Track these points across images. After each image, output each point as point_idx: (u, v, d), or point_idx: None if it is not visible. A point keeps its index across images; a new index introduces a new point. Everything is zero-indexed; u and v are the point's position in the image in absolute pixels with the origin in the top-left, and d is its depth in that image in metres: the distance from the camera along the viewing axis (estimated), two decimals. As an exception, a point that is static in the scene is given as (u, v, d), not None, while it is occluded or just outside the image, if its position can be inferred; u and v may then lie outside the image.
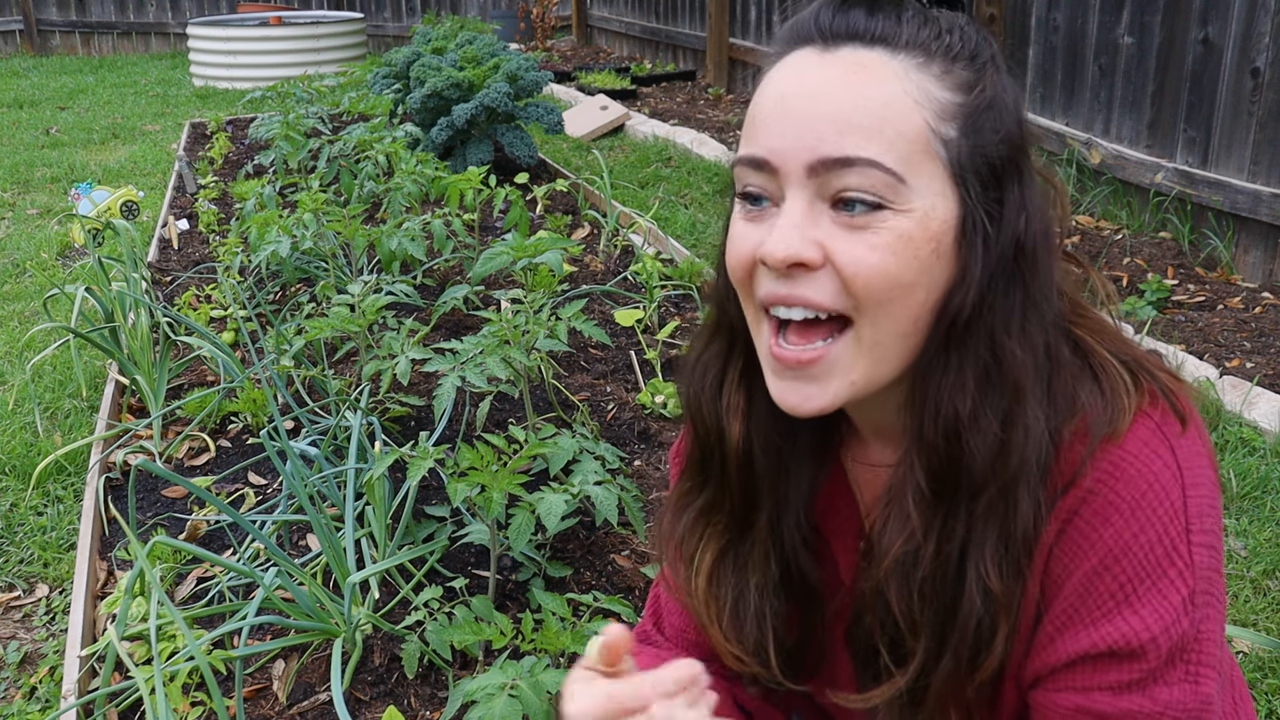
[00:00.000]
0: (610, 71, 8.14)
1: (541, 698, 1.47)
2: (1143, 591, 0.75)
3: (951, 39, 0.77)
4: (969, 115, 0.76)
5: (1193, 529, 0.75)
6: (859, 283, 0.74)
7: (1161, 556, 0.74)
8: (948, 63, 0.76)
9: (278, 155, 4.70)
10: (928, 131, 0.74)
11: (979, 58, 0.78)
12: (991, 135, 0.76)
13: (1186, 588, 0.74)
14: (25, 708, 1.85)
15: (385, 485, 1.96)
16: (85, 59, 10.41)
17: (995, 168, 0.76)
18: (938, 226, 0.74)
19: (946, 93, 0.75)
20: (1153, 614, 0.74)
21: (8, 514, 2.46)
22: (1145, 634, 0.74)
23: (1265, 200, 3.45)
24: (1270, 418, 2.58)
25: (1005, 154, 0.77)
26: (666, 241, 3.98)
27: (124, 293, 2.82)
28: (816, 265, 0.75)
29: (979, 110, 0.76)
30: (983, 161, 0.76)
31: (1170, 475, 0.75)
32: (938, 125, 0.74)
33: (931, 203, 0.74)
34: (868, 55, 0.75)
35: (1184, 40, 3.76)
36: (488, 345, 2.19)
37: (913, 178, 0.74)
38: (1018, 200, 0.77)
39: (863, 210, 0.74)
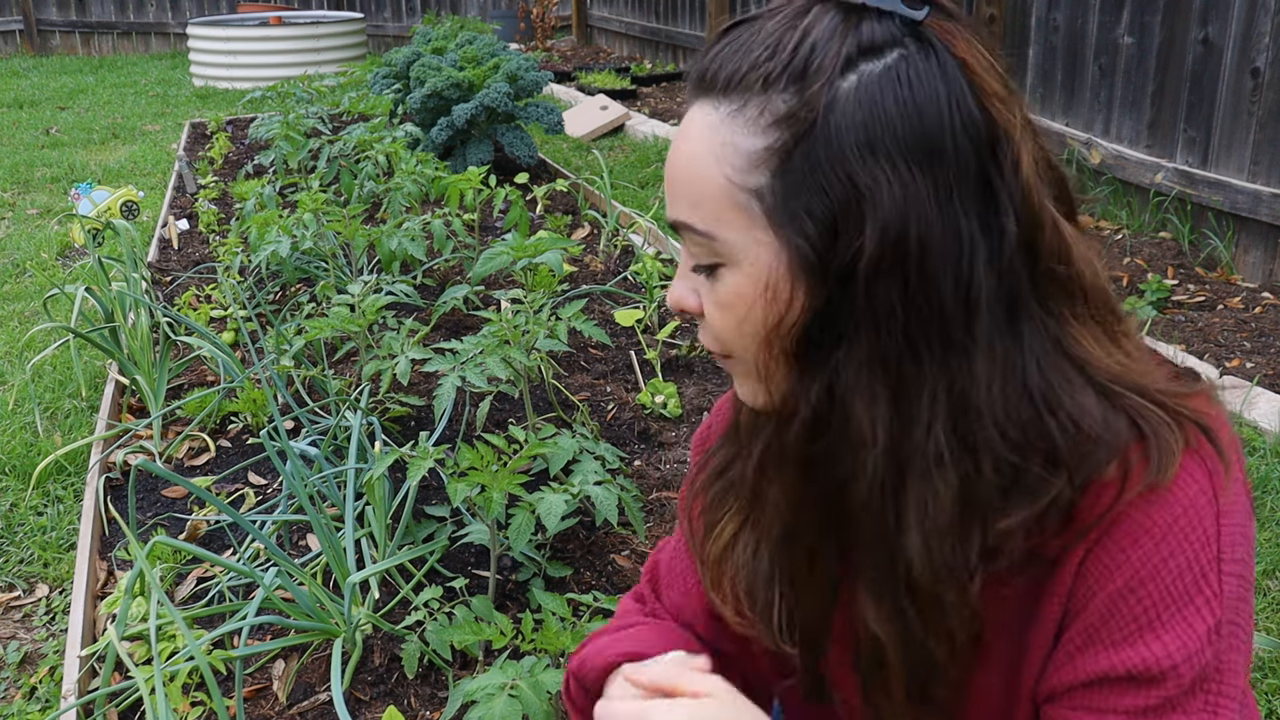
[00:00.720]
0: (610, 71, 8.14)
1: (541, 698, 1.47)
2: (1168, 617, 0.73)
3: (774, 62, 0.70)
4: (783, 154, 0.70)
5: (1224, 557, 0.73)
6: (716, 332, 0.78)
7: (1190, 584, 0.73)
8: (764, 98, 0.71)
9: (278, 155, 4.70)
10: (730, 187, 0.72)
11: (809, 73, 0.69)
12: (815, 167, 0.69)
13: (1214, 617, 0.73)
14: (25, 708, 1.85)
15: (385, 485, 1.97)
16: (85, 59, 10.42)
17: (824, 199, 0.70)
18: (766, 275, 0.73)
19: (755, 138, 0.71)
20: (1177, 641, 0.73)
21: (8, 514, 2.46)
22: (1167, 661, 0.72)
23: (1265, 200, 3.45)
24: (1270, 418, 2.58)
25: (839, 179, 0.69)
26: (666, 241, 3.98)
27: (124, 293, 2.82)
28: (697, 313, 0.80)
29: (796, 143, 0.70)
30: (805, 196, 0.70)
31: (1206, 501, 0.73)
32: (741, 178, 0.72)
33: (755, 253, 0.73)
34: (696, 111, 0.75)
35: (1184, 40, 3.76)
36: (488, 345, 2.19)
37: (725, 233, 0.73)
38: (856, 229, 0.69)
39: (704, 274, 0.77)
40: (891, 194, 0.68)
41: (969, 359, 0.71)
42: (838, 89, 0.69)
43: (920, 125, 0.68)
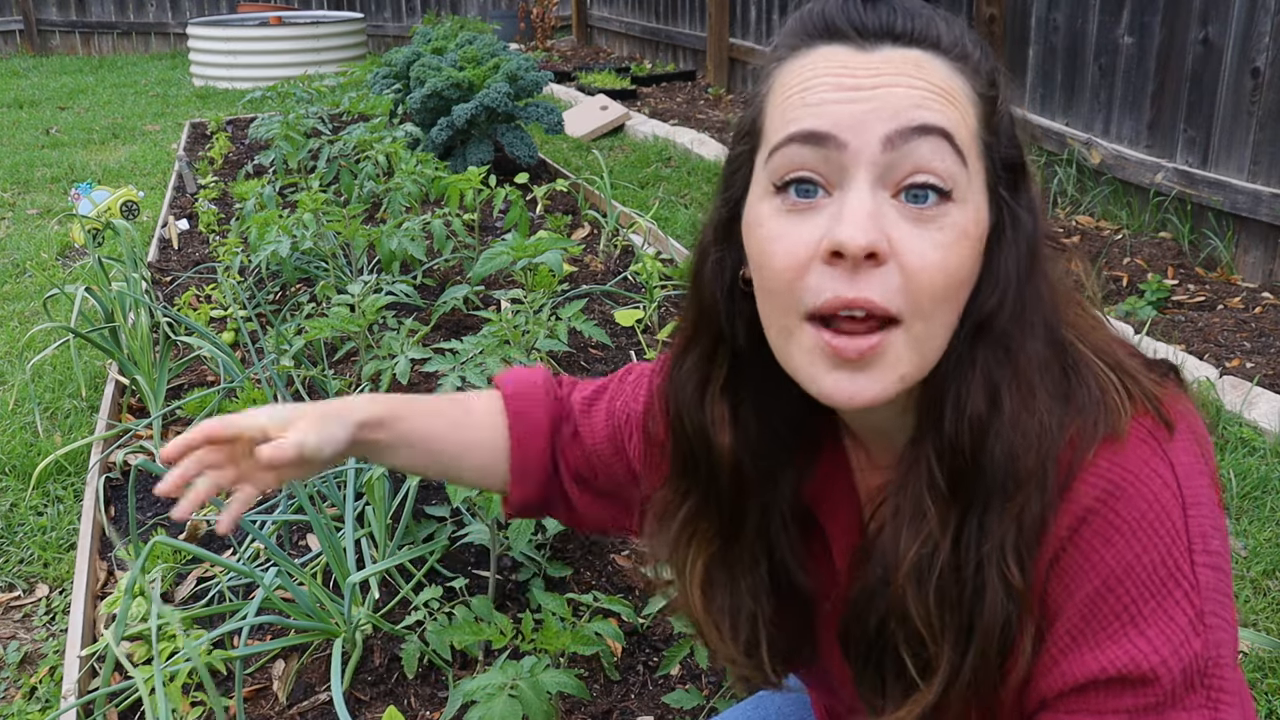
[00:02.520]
0: (610, 71, 8.14)
1: (541, 698, 1.47)
2: (1148, 613, 0.73)
3: (970, 43, 0.77)
4: (996, 119, 0.77)
5: (1195, 549, 0.73)
6: (923, 281, 0.71)
7: (1166, 577, 0.73)
8: (975, 65, 0.77)
9: (278, 155, 4.70)
10: (977, 127, 0.75)
11: (989, 61, 0.78)
12: (1009, 139, 0.78)
13: (1193, 608, 0.73)
14: (25, 708, 1.85)
15: (385, 485, 1.97)
16: (85, 59, 10.42)
17: (1014, 170, 0.78)
18: (983, 224, 0.75)
19: (980, 95, 0.76)
20: (1160, 636, 0.73)
21: (8, 514, 2.46)
22: (1155, 656, 0.72)
23: (1265, 200, 3.45)
24: (1270, 418, 2.58)
25: (1019, 157, 0.78)
26: (666, 241, 3.98)
27: (124, 293, 2.82)
28: (885, 259, 0.70)
29: (1002, 114, 0.77)
30: (1006, 164, 0.77)
31: (1170, 495, 0.74)
32: (979, 127, 0.75)
33: (979, 199, 0.75)
34: (912, 53, 0.73)
35: (1184, 40, 3.76)
36: (488, 345, 2.19)
37: (971, 169, 0.74)
38: (1029, 201, 0.78)
39: (933, 201, 0.71)
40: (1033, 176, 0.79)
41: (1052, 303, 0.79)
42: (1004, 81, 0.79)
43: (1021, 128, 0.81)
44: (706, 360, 0.85)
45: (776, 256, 0.73)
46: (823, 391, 0.74)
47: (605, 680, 1.79)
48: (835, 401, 0.74)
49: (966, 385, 0.75)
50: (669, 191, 5.03)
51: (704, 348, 0.85)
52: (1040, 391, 0.75)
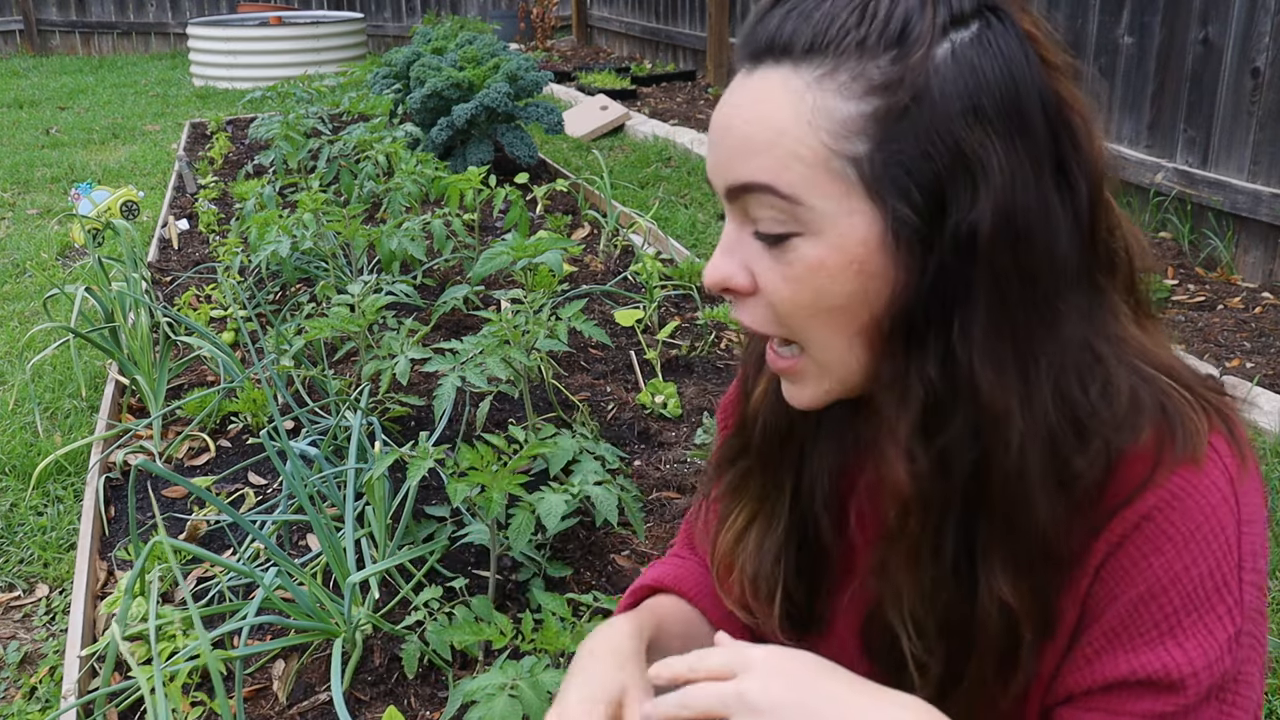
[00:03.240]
0: (610, 71, 8.14)
1: (542, 698, 1.47)
2: (1189, 624, 0.72)
3: (869, 28, 0.69)
4: (884, 121, 0.68)
5: (1244, 567, 0.73)
6: (780, 311, 0.74)
7: (1212, 591, 0.72)
8: (859, 63, 0.69)
9: (278, 155, 4.70)
10: (826, 152, 0.69)
11: (908, 39, 0.68)
12: (920, 134, 0.68)
13: (1234, 625, 0.72)
14: (25, 707, 1.85)
15: (385, 485, 1.97)
16: (85, 59, 10.41)
17: (930, 166, 0.68)
18: (856, 247, 0.70)
19: (852, 103, 0.69)
20: (1197, 648, 0.72)
21: (8, 514, 2.46)
22: (1188, 667, 0.72)
23: (1265, 200, 3.45)
24: (1270, 418, 2.59)
25: (946, 147, 0.68)
26: (666, 241, 3.98)
27: (124, 293, 2.82)
28: (746, 292, 0.75)
29: (899, 112, 0.68)
30: (910, 165, 0.69)
31: (1228, 510, 0.73)
32: (838, 144, 0.69)
33: (846, 223, 0.70)
34: (771, 75, 0.71)
35: (1184, 40, 3.76)
36: (488, 345, 2.19)
37: (815, 200, 0.70)
38: (968, 197, 0.68)
39: (775, 240, 0.72)
40: (999, 162, 0.68)
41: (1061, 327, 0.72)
42: (935, 55, 0.68)
43: (1015, 93, 0.69)
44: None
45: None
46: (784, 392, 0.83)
47: (605, 680, 1.79)
48: (790, 403, 0.82)
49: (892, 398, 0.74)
50: (669, 191, 5.03)
51: None
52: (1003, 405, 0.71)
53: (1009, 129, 0.69)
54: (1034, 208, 0.69)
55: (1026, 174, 0.69)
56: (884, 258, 0.70)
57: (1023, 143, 0.69)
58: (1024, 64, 0.69)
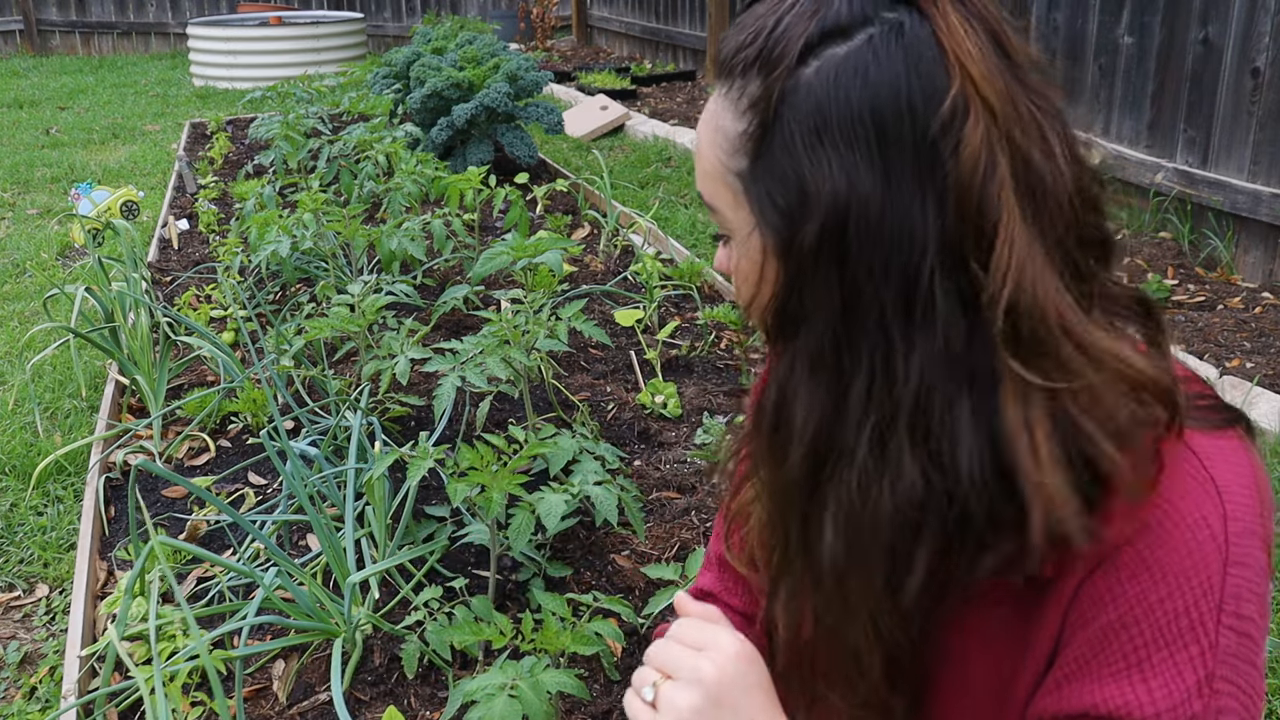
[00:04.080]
0: (610, 71, 8.14)
1: (541, 698, 1.47)
2: (1157, 661, 0.70)
3: (752, 48, 0.71)
4: (755, 140, 0.71)
5: (1225, 609, 0.70)
6: (738, 298, 0.82)
7: (1185, 630, 0.70)
8: (744, 82, 0.72)
9: (278, 155, 4.70)
10: (721, 167, 0.75)
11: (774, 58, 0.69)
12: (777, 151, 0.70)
13: (1205, 669, 0.69)
14: (25, 707, 1.85)
15: (385, 485, 1.97)
16: (85, 59, 10.41)
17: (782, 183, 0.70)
18: (751, 252, 0.75)
19: (736, 123, 0.73)
20: (1162, 689, 0.70)
21: (8, 514, 2.46)
22: (1150, 708, 0.70)
23: (1265, 200, 3.45)
24: (1270, 418, 2.59)
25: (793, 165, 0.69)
26: (666, 241, 3.98)
27: (124, 293, 2.82)
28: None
29: (764, 130, 0.70)
30: (771, 181, 0.71)
31: (1214, 549, 0.70)
32: (728, 160, 0.74)
33: (744, 231, 0.75)
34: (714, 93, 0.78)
35: (1184, 40, 3.76)
36: (488, 345, 2.19)
37: (722, 210, 0.77)
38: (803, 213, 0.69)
39: (722, 240, 0.82)
40: (834, 183, 0.67)
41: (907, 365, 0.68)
42: (799, 76, 0.68)
43: (873, 110, 0.66)
44: None
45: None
46: None
47: (605, 680, 1.79)
48: None
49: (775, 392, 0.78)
50: (669, 191, 5.03)
51: None
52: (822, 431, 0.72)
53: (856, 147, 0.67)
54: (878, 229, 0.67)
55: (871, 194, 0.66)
56: (769, 265, 0.74)
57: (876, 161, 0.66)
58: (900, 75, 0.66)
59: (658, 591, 1.82)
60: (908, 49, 0.66)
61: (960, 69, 0.66)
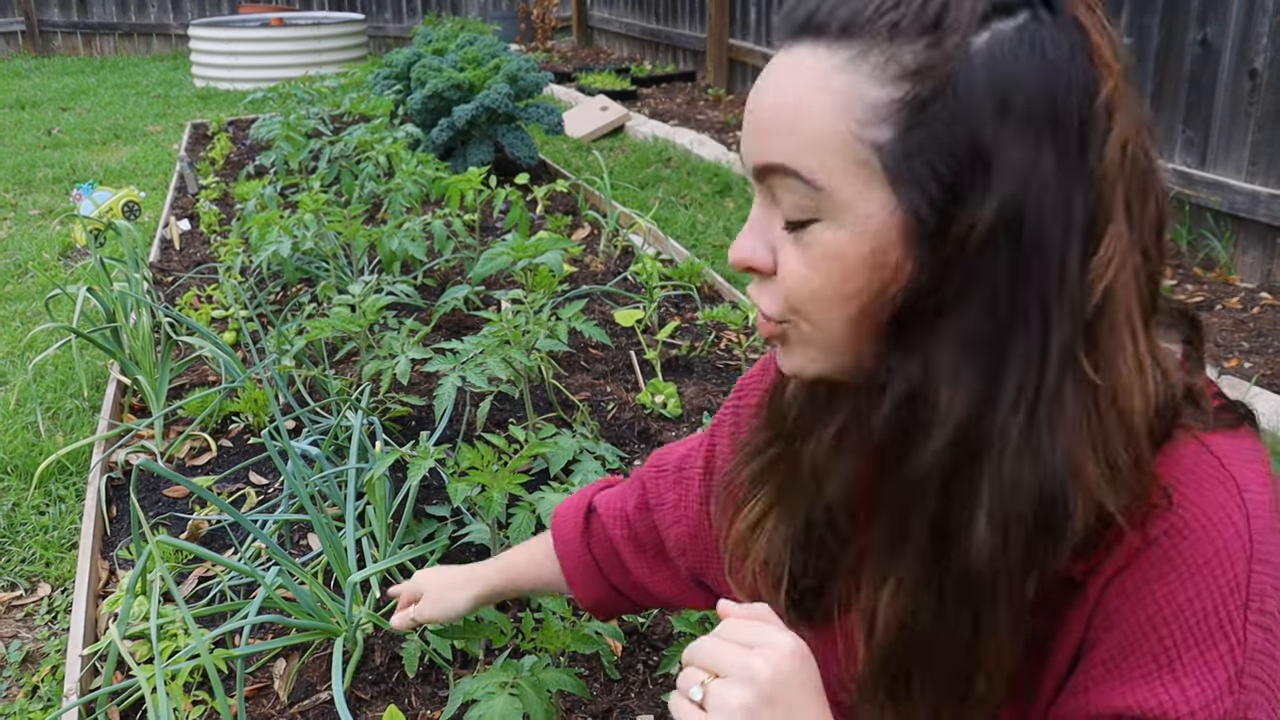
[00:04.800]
0: (610, 72, 8.15)
1: (542, 696, 1.47)
2: (1188, 660, 0.70)
3: (905, 10, 0.66)
4: (910, 109, 0.66)
5: (1251, 606, 0.70)
6: (791, 297, 0.73)
7: (1215, 628, 0.70)
8: (892, 47, 0.66)
9: (279, 156, 4.71)
10: (851, 138, 0.68)
11: (944, 25, 0.66)
12: (943, 125, 0.66)
13: (1235, 665, 0.70)
14: (27, 706, 1.85)
15: (386, 485, 1.97)
16: (87, 60, 10.43)
17: (949, 159, 0.66)
18: (875, 236, 0.69)
19: (883, 89, 0.67)
20: (1195, 687, 0.70)
21: (10, 513, 2.46)
22: (1184, 707, 0.70)
23: (1263, 201, 3.46)
24: (1268, 417, 2.59)
25: (968, 141, 0.66)
26: (666, 242, 3.98)
27: (125, 293, 2.83)
28: (768, 271, 0.74)
29: (926, 100, 0.66)
30: (930, 156, 0.66)
31: (1239, 545, 0.70)
32: (863, 130, 0.67)
33: (865, 211, 0.68)
34: (804, 54, 0.69)
35: (1182, 41, 3.77)
36: (488, 345, 2.19)
37: (837, 186, 0.69)
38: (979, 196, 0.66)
39: (797, 224, 0.71)
40: (1016, 161, 0.65)
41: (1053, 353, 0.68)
42: (972, 45, 0.65)
43: (1049, 91, 0.65)
44: None
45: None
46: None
47: (605, 679, 1.80)
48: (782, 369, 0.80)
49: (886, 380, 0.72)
50: (669, 192, 5.04)
51: None
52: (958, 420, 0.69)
53: (1036, 127, 0.65)
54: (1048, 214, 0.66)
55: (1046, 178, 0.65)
56: (899, 249, 0.68)
57: (1049, 144, 0.65)
58: (1067, 63, 0.66)
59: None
60: (1069, 38, 0.66)
61: (1111, 69, 0.67)
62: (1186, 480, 0.72)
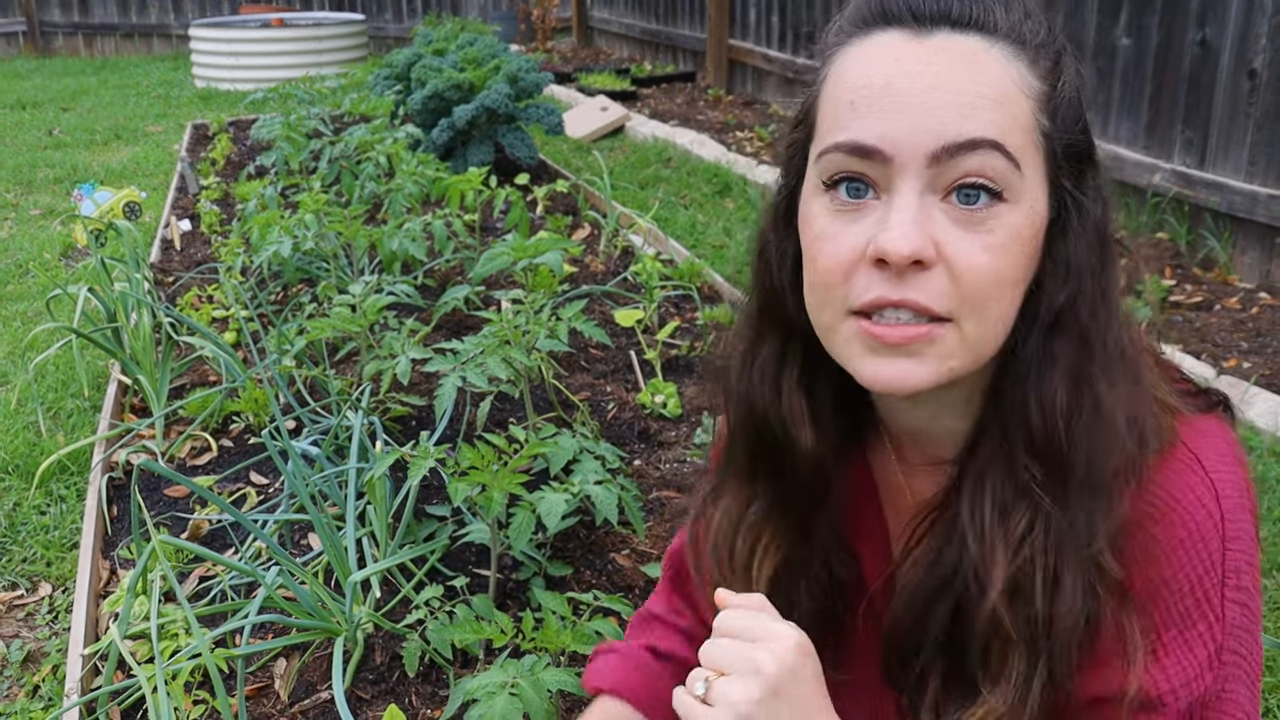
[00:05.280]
0: (610, 73, 8.15)
1: (542, 696, 1.48)
2: (1168, 640, 0.72)
3: (1032, 24, 0.75)
4: (1056, 104, 0.74)
5: (1228, 583, 0.72)
6: (970, 283, 0.70)
7: (1193, 607, 0.72)
8: (1035, 50, 0.74)
9: (279, 156, 4.71)
10: (1033, 121, 0.72)
11: (1054, 43, 0.76)
12: (1074, 124, 0.75)
13: (1214, 642, 0.72)
14: (28, 706, 1.86)
15: (386, 485, 1.98)
16: (88, 60, 10.43)
17: (1078, 157, 0.76)
18: (1039, 220, 0.73)
19: (1039, 82, 0.74)
20: (1175, 665, 0.72)
21: (11, 513, 2.47)
22: (1165, 684, 0.72)
23: (1262, 201, 3.46)
24: (1266, 417, 2.60)
25: (1084, 142, 0.76)
26: (666, 242, 3.99)
27: (126, 293, 2.83)
28: (931, 264, 0.70)
29: (1064, 99, 0.75)
30: (1070, 151, 0.75)
31: (1212, 525, 0.72)
32: (1038, 115, 0.73)
33: (1035, 195, 0.72)
34: (968, 41, 0.71)
35: (1181, 42, 3.77)
36: (488, 345, 2.20)
37: (1025, 167, 0.71)
38: (1095, 188, 0.77)
39: (984, 202, 0.70)
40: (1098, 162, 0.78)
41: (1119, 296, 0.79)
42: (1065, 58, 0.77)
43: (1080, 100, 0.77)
44: (779, 351, 0.84)
45: (824, 257, 0.74)
46: (866, 376, 0.74)
47: (604, 678, 1.80)
48: (877, 386, 0.73)
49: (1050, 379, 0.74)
50: (669, 192, 5.04)
51: (775, 339, 0.84)
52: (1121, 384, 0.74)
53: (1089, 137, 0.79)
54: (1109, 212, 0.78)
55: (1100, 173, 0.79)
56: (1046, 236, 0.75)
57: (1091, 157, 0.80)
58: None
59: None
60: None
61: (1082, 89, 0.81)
62: (1153, 463, 0.74)
